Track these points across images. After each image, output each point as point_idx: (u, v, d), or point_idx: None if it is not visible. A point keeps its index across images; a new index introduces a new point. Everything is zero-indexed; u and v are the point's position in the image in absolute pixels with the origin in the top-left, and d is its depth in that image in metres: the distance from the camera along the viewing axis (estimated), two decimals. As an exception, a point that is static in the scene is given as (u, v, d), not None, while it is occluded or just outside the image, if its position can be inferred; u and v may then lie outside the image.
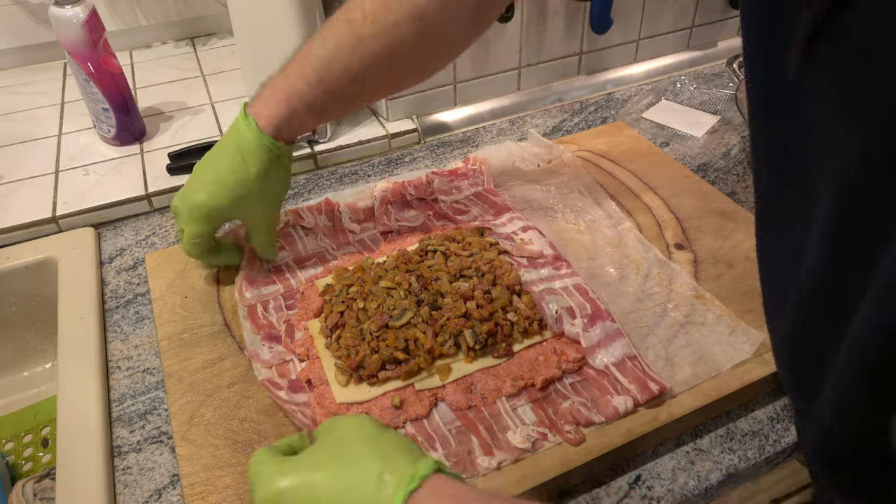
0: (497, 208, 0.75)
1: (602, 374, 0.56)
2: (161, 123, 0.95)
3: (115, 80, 0.86)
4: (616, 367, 0.56)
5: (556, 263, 0.66)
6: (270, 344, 0.61)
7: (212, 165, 0.62)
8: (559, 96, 1.02)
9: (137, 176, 0.84)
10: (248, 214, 0.64)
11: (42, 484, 0.67)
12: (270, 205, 0.65)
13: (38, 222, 0.78)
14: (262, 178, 0.61)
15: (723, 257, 0.69)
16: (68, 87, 1.07)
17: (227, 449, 0.53)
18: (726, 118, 0.97)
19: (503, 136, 0.95)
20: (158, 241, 0.78)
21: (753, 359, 0.58)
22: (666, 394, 0.55)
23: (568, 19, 0.96)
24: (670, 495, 0.52)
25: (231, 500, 0.50)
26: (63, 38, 0.81)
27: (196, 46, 1.18)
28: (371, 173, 0.88)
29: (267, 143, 0.60)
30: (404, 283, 0.61)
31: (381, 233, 0.73)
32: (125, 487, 0.53)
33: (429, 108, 0.95)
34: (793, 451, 0.56)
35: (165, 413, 0.59)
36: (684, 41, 1.10)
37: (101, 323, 0.67)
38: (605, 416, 0.53)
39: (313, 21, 0.81)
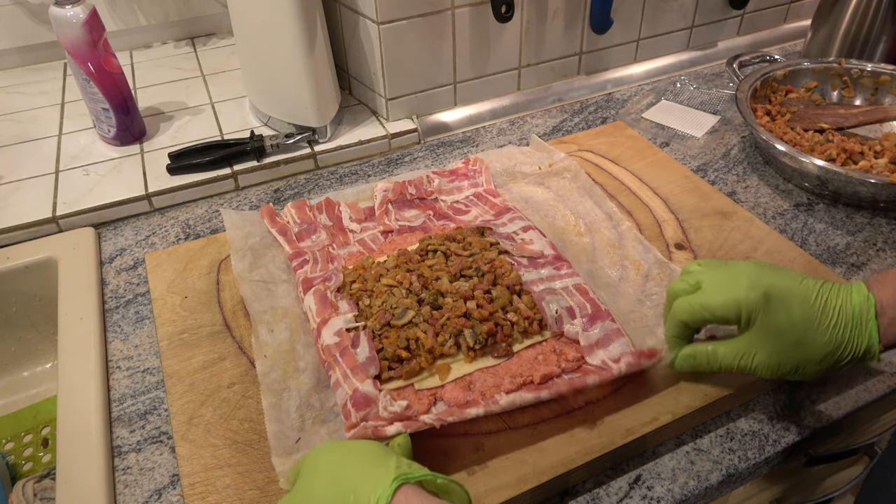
0: (497, 209, 0.75)
1: (600, 368, 0.56)
2: (161, 123, 0.95)
3: (115, 80, 0.86)
4: (612, 361, 0.56)
5: (557, 263, 0.66)
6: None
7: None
8: (559, 96, 1.02)
9: (137, 176, 0.84)
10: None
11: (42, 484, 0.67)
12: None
13: (38, 222, 0.78)
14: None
15: (723, 257, 0.69)
16: (68, 87, 1.07)
17: (227, 449, 0.53)
18: (726, 118, 0.97)
19: (503, 136, 0.95)
20: (158, 241, 0.78)
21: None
22: (657, 358, 0.54)
23: (568, 19, 0.96)
24: (670, 495, 0.52)
25: (231, 500, 0.50)
26: (63, 38, 0.81)
27: (196, 46, 1.18)
28: (371, 173, 0.88)
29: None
30: (405, 283, 0.61)
31: (381, 232, 0.73)
32: (125, 487, 0.53)
33: (429, 108, 0.95)
34: (793, 451, 0.56)
35: (165, 413, 0.59)
36: (684, 41, 1.10)
37: (101, 323, 0.67)
38: (598, 377, 0.53)
39: (313, 21, 0.81)
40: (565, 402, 0.55)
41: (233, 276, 0.68)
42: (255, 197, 0.85)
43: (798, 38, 1.19)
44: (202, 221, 0.81)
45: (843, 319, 0.46)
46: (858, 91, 0.94)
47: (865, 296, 0.47)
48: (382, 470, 0.40)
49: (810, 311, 0.46)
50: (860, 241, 0.74)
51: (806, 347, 0.46)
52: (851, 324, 0.46)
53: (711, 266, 0.51)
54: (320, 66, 0.85)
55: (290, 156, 0.87)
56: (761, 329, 0.47)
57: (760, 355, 0.48)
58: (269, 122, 0.93)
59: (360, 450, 0.43)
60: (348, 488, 0.39)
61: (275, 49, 0.83)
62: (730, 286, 0.47)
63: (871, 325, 0.46)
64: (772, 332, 0.46)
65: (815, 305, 0.46)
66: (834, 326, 0.46)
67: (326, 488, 0.41)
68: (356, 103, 0.99)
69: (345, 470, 0.41)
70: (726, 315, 0.48)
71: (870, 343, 0.46)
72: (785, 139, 0.84)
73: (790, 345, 0.46)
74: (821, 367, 0.48)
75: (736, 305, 0.47)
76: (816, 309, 0.46)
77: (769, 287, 0.46)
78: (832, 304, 0.46)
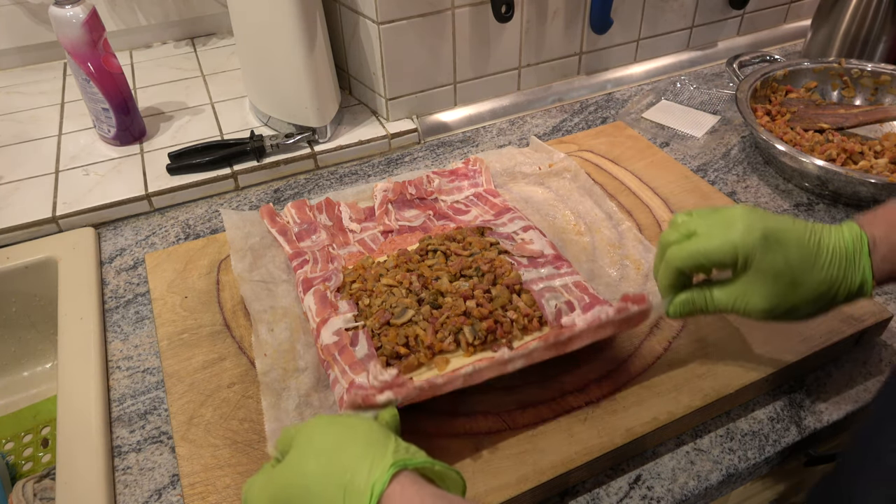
0: (497, 209, 0.75)
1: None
2: (161, 123, 0.95)
3: (115, 80, 0.86)
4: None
5: (557, 263, 0.66)
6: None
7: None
8: (559, 96, 1.02)
9: (137, 176, 0.84)
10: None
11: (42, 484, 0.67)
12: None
13: (38, 222, 0.78)
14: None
15: (723, 257, 0.69)
16: (68, 87, 1.07)
17: (227, 449, 0.53)
18: (726, 118, 0.97)
19: (503, 136, 0.95)
20: (158, 241, 0.78)
21: (754, 359, 0.58)
22: (645, 304, 0.53)
23: (568, 19, 0.96)
24: (670, 495, 0.52)
25: (231, 500, 0.50)
26: (63, 38, 0.81)
27: (196, 46, 1.18)
28: (371, 173, 0.88)
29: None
30: (405, 283, 0.61)
31: (381, 232, 0.73)
32: (125, 487, 0.53)
33: (429, 108, 0.95)
34: (792, 451, 0.56)
35: (165, 413, 0.59)
36: (684, 41, 1.10)
37: (101, 323, 0.67)
38: (587, 324, 0.52)
39: (313, 21, 0.81)
40: (559, 352, 0.54)
41: (233, 276, 0.68)
42: (255, 197, 0.85)
43: (798, 38, 1.19)
44: (202, 221, 0.81)
45: (838, 257, 0.46)
46: (858, 91, 0.94)
47: (858, 233, 0.47)
48: (380, 453, 0.39)
49: (806, 251, 0.46)
50: (860, 241, 0.74)
51: (802, 287, 0.46)
52: (845, 261, 0.46)
53: (702, 214, 0.50)
54: (320, 66, 0.85)
55: (290, 156, 0.87)
56: (758, 271, 0.47)
57: (756, 297, 0.47)
58: (269, 122, 0.93)
59: (357, 428, 0.42)
60: (343, 469, 0.38)
61: (275, 49, 0.83)
62: (725, 230, 0.47)
63: (865, 261, 0.46)
64: (769, 273, 0.46)
65: (809, 245, 0.47)
66: (829, 265, 0.46)
67: (320, 466, 0.39)
68: (356, 103, 0.99)
69: (341, 449, 0.40)
70: (723, 259, 0.47)
71: (863, 279, 0.46)
72: (785, 139, 0.84)
73: (786, 285, 0.46)
74: (816, 307, 0.48)
75: (733, 249, 0.47)
76: (812, 248, 0.46)
77: (765, 229, 0.46)
78: (826, 243, 0.47)
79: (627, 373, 0.58)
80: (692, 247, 0.48)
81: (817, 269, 0.46)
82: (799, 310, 0.48)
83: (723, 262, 0.48)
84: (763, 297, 0.47)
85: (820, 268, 0.46)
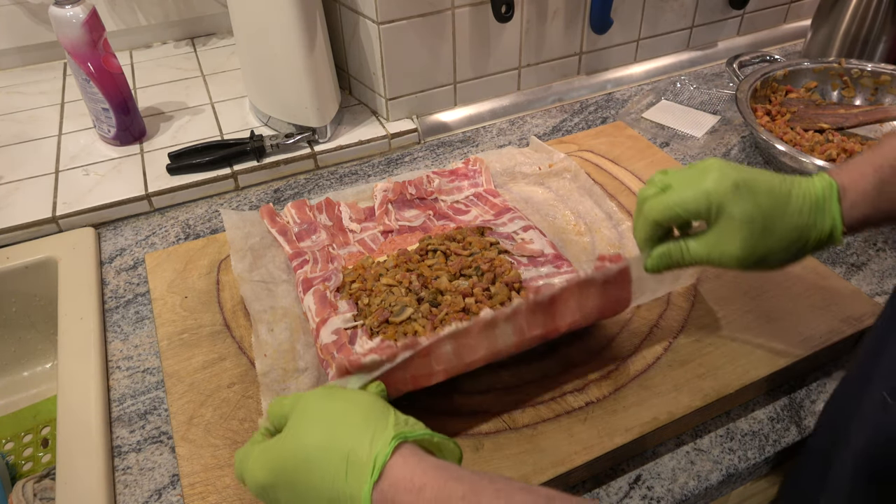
0: (497, 209, 0.75)
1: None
2: (161, 123, 0.95)
3: (115, 80, 0.86)
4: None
5: (557, 262, 0.66)
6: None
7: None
8: (559, 96, 1.02)
9: (137, 176, 0.84)
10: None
11: (42, 484, 0.67)
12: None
13: (38, 222, 0.78)
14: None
15: (723, 257, 0.69)
16: (68, 87, 1.07)
17: (227, 449, 0.53)
18: (726, 118, 0.97)
19: (503, 136, 0.95)
20: (158, 241, 0.78)
21: (754, 359, 0.58)
22: (622, 263, 0.53)
23: (568, 19, 0.96)
24: (670, 495, 0.52)
25: (231, 500, 0.50)
26: (63, 38, 0.81)
27: (196, 46, 1.18)
28: (371, 173, 0.88)
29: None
30: (405, 282, 0.62)
31: (381, 232, 0.73)
32: (125, 487, 0.53)
33: (429, 108, 0.95)
34: (793, 451, 0.56)
35: (165, 413, 0.59)
36: (684, 41, 1.10)
37: (101, 323, 0.67)
38: (566, 280, 0.52)
39: (313, 21, 0.81)
40: (548, 327, 0.54)
41: (233, 276, 0.68)
42: (255, 197, 0.85)
43: (798, 38, 1.19)
44: (202, 221, 0.81)
45: (808, 204, 0.47)
46: (858, 91, 0.94)
47: (828, 181, 0.48)
48: (381, 426, 0.40)
49: (777, 199, 0.47)
50: (860, 241, 0.74)
51: (774, 233, 0.47)
52: (816, 207, 0.47)
53: (677, 171, 0.52)
54: (320, 66, 0.85)
55: (290, 156, 0.87)
56: (731, 218, 0.48)
57: (730, 245, 0.48)
58: (269, 122, 0.93)
59: (357, 401, 0.42)
60: (345, 441, 0.39)
61: (275, 49, 0.83)
62: (699, 181, 0.48)
63: (835, 209, 0.47)
64: (741, 220, 0.47)
65: (780, 192, 0.48)
66: (800, 211, 0.47)
67: (322, 438, 0.39)
68: (356, 103, 0.99)
69: (342, 422, 0.40)
70: (698, 208, 0.48)
71: (833, 225, 0.47)
72: (785, 139, 0.84)
73: (759, 232, 0.47)
74: (788, 254, 0.49)
75: (706, 197, 0.48)
76: (783, 196, 0.48)
77: (737, 178, 0.47)
78: (797, 192, 0.48)
79: (627, 373, 0.58)
80: (668, 199, 0.49)
81: (788, 216, 0.47)
82: (772, 256, 0.48)
83: (697, 211, 0.48)
84: (737, 245, 0.48)
85: (791, 214, 0.47)
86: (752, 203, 0.47)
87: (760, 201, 0.47)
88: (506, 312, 0.50)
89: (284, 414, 0.43)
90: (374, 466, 0.37)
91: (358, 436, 0.39)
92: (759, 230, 0.47)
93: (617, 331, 0.62)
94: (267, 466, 0.41)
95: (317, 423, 0.40)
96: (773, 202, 0.47)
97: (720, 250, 0.49)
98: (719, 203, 0.47)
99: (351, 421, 0.40)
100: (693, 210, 0.48)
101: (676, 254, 0.51)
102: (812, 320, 0.61)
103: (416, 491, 0.36)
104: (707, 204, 0.48)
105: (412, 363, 0.49)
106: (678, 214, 0.49)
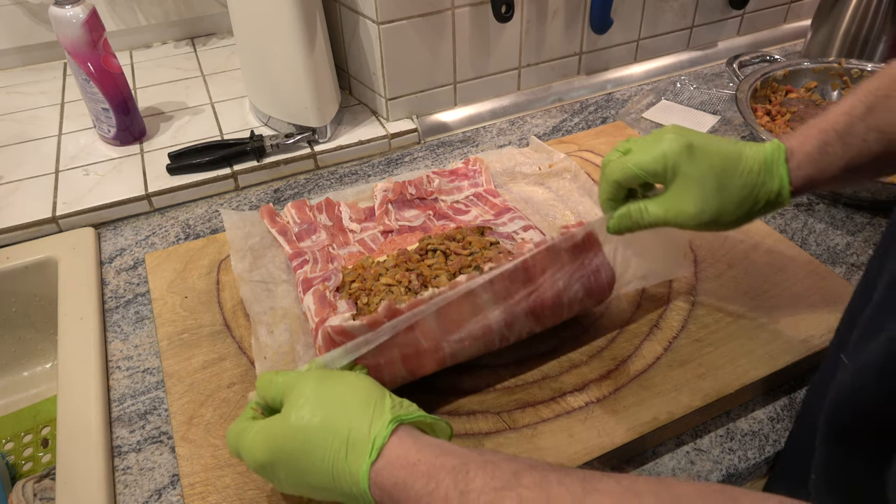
0: (497, 209, 0.75)
1: (538, 244, 0.56)
2: (161, 123, 0.95)
3: (115, 80, 0.86)
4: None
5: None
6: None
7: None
8: (559, 96, 1.02)
9: (137, 176, 0.84)
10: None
11: (42, 484, 0.67)
12: None
13: (38, 222, 0.78)
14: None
15: (723, 257, 0.69)
16: (68, 87, 1.07)
17: (226, 449, 0.53)
18: (726, 118, 0.97)
19: (503, 136, 0.95)
20: (158, 241, 0.78)
21: (754, 359, 0.58)
22: (586, 227, 0.55)
23: (568, 19, 0.96)
24: (670, 495, 0.52)
25: (231, 500, 0.50)
26: (63, 38, 0.81)
27: (196, 46, 1.18)
28: (371, 173, 0.88)
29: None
30: (404, 281, 0.61)
31: (381, 232, 0.73)
32: (125, 487, 0.53)
33: (429, 108, 0.95)
34: (793, 451, 0.56)
35: (165, 413, 0.59)
36: (684, 41, 1.10)
37: (101, 323, 0.67)
38: (536, 249, 0.53)
39: (313, 21, 0.81)
40: (532, 299, 0.55)
41: (233, 276, 0.68)
42: (255, 197, 0.85)
43: (798, 38, 1.19)
44: (202, 221, 0.81)
45: (758, 164, 0.50)
46: (858, 91, 0.94)
47: (777, 145, 0.51)
48: (379, 409, 0.42)
49: (728, 159, 0.50)
50: (860, 241, 0.74)
51: (725, 191, 0.50)
52: (764, 168, 0.50)
53: (638, 137, 0.55)
54: (320, 66, 0.85)
55: (290, 156, 0.87)
56: (685, 177, 0.51)
57: (685, 203, 0.51)
58: (269, 122, 0.93)
59: (355, 386, 0.44)
60: (345, 423, 0.41)
61: (275, 49, 0.83)
62: (655, 144, 0.52)
63: (782, 169, 0.50)
64: (694, 178, 0.50)
65: (731, 154, 0.51)
66: (749, 171, 0.50)
67: (323, 420, 0.41)
68: (356, 103, 0.99)
69: (341, 405, 0.42)
70: (654, 168, 0.51)
71: (781, 184, 0.50)
72: (785, 139, 0.83)
73: (711, 189, 0.50)
74: (739, 212, 0.51)
75: (662, 158, 0.51)
76: (733, 157, 0.51)
77: (691, 140, 0.51)
78: (747, 153, 0.51)
79: (627, 373, 0.58)
80: (627, 160, 0.53)
81: (739, 174, 0.50)
82: (724, 215, 0.51)
83: (654, 171, 0.51)
84: (691, 203, 0.51)
85: (741, 173, 0.50)
86: (706, 162, 0.50)
87: (713, 161, 0.50)
88: (481, 279, 0.52)
89: (279, 393, 0.45)
90: (373, 447, 0.40)
91: (357, 419, 0.41)
92: (711, 188, 0.50)
93: (617, 331, 0.62)
94: (267, 446, 0.42)
95: (317, 406, 0.42)
96: (724, 162, 0.50)
97: (676, 209, 0.52)
98: (674, 163, 0.50)
99: (350, 404, 0.42)
100: (650, 170, 0.51)
101: (636, 214, 0.54)
102: (812, 320, 0.61)
103: (411, 466, 0.39)
104: (663, 164, 0.51)
105: (399, 338, 0.50)
106: (636, 174, 0.52)
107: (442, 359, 0.53)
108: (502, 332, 0.54)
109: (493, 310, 0.53)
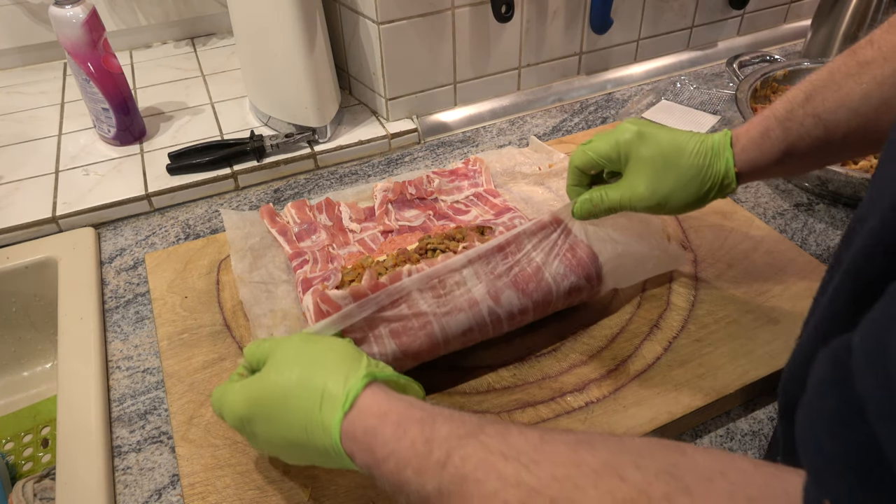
0: (497, 209, 0.75)
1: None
2: (161, 123, 0.95)
3: (115, 80, 0.86)
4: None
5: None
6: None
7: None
8: (559, 96, 1.02)
9: (137, 176, 0.84)
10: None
11: (42, 484, 0.67)
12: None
13: (38, 222, 0.78)
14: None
15: (723, 257, 0.69)
16: (68, 87, 1.07)
17: (226, 449, 0.53)
18: (726, 118, 0.97)
19: (503, 136, 0.95)
20: (158, 241, 0.78)
21: (754, 359, 0.58)
22: (552, 215, 0.59)
23: (568, 19, 0.96)
24: (670, 495, 0.52)
25: (231, 500, 0.50)
26: (63, 38, 0.81)
27: (196, 46, 1.18)
28: (371, 173, 0.88)
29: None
30: (404, 282, 0.61)
31: (381, 232, 0.73)
32: (125, 487, 0.53)
33: (429, 108, 0.95)
34: (793, 451, 0.56)
35: (165, 413, 0.59)
36: (684, 41, 1.10)
37: (101, 323, 0.67)
38: (506, 227, 0.57)
39: (313, 21, 0.81)
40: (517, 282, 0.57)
41: (233, 276, 0.68)
42: (255, 197, 0.85)
43: (798, 38, 1.19)
44: (202, 221, 0.81)
45: (704, 148, 0.54)
46: (858, 91, 0.94)
47: (724, 132, 0.55)
48: (354, 366, 0.44)
49: (677, 144, 0.54)
50: (860, 241, 0.74)
51: (674, 172, 0.54)
52: (711, 152, 0.54)
53: (603, 131, 0.59)
54: (320, 66, 0.85)
55: (290, 156, 0.87)
56: (637, 160, 0.55)
57: (638, 186, 0.55)
58: (269, 122, 0.93)
59: (333, 346, 0.46)
60: (321, 378, 0.43)
61: (275, 49, 0.83)
62: (612, 133, 0.56)
63: (728, 153, 0.54)
64: (645, 160, 0.54)
65: (680, 139, 0.55)
66: (696, 154, 0.54)
67: (300, 375, 0.43)
68: (356, 103, 0.99)
69: (319, 362, 0.44)
70: (609, 153, 0.56)
71: (727, 167, 0.54)
72: (785, 139, 0.83)
73: (661, 170, 0.54)
74: (688, 194, 0.54)
75: (616, 144, 0.56)
76: (682, 141, 0.55)
77: (643, 128, 0.55)
78: (696, 139, 0.55)
79: (627, 373, 0.58)
80: (586, 148, 0.58)
81: (686, 157, 0.54)
82: (674, 197, 0.54)
83: (609, 156, 0.56)
84: (642, 183, 0.55)
85: (689, 155, 0.54)
86: (655, 146, 0.54)
87: (662, 146, 0.54)
88: (458, 257, 0.55)
89: (263, 355, 0.47)
90: (347, 399, 0.41)
91: (333, 374, 0.43)
92: (660, 169, 0.54)
93: (617, 331, 0.62)
94: (247, 400, 0.45)
95: (296, 363, 0.45)
96: (673, 147, 0.54)
97: (630, 192, 0.55)
98: (627, 149, 0.55)
99: (327, 362, 0.44)
100: (605, 155, 0.57)
101: (597, 199, 0.57)
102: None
103: (381, 416, 0.40)
104: (616, 150, 0.56)
105: (385, 312, 0.53)
106: (593, 160, 0.57)
107: (432, 334, 0.54)
108: (490, 306, 0.55)
109: (476, 283, 0.55)
